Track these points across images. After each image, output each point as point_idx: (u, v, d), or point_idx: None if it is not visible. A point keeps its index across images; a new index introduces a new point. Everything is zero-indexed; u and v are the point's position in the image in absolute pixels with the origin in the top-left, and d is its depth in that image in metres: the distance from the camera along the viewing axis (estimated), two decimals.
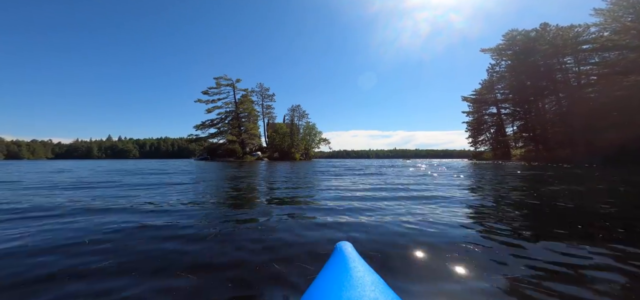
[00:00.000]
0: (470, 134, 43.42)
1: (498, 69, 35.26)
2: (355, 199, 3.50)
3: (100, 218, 2.39)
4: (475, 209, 2.90)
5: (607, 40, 18.52)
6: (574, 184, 5.19)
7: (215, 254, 1.54)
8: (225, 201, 3.43)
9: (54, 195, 3.89)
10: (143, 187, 4.77)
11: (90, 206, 2.95)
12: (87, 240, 1.75)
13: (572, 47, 23.59)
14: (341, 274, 0.67)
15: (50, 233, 1.92)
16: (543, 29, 27.11)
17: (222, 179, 6.71)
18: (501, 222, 2.30)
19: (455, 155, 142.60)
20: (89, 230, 2.00)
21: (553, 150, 26.23)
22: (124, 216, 2.46)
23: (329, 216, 2.47)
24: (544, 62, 26.90)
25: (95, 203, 3.16)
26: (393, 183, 5.57)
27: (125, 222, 2.24)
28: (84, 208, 2.85)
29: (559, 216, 2.55)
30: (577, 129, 22.74)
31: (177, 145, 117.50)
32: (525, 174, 8.10)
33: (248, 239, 1.80)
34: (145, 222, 2.24)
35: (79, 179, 6.61)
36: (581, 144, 21.60)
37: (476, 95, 39.31)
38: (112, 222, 2.24)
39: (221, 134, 39.73)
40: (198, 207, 2.95)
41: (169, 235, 1.88)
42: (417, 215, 2.49)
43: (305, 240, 1.76)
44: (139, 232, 1.96)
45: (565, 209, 2.84)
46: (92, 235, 1.86)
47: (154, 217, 2.44)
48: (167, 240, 1.77)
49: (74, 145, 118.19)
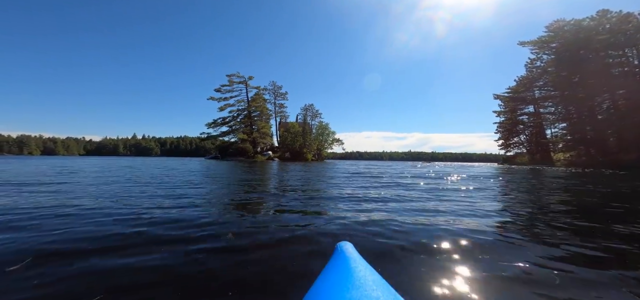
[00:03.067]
0: (501, 135, 39.06)
1: (539, 64, 30.99)
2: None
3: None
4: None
5: None
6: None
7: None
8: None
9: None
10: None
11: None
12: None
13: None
14: (343, 274, 0.66)
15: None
16: (601, 16, 22.92)
17: (227, 185, 5.12)
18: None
19: (475, 158, 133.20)
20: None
21: (613, 155, 22.02)
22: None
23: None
24: (600, 54, 22.76)
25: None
26: (428, 214, 2.83)
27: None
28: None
29: None
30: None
31: (195, 144, 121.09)
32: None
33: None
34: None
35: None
36: None
37: (511, 93, 35.10)
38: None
39: (233, 132, 38.96)
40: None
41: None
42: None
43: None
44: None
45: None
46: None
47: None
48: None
49: (103, 142, 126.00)
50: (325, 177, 7.20)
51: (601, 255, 1.64)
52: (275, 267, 1.40)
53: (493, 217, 2.67)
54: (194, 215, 2.51)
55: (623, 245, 1.83)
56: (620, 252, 1.72)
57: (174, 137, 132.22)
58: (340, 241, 0.94)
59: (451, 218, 2.56)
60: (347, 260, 0.75)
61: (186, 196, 3.62)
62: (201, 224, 2.20)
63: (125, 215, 2.44)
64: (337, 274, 0.69)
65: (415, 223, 2.33)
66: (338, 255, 0.82)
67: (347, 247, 0.87)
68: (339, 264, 0.75)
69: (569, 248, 1.75)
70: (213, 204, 3.15)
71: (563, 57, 25.67)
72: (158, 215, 2.45)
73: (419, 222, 2.37)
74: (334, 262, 0.79)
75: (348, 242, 0.93)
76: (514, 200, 3.95)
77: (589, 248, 1.75)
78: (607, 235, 2.06)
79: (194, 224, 2.19)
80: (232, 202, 3.30)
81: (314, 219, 2.51)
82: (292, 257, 1.53)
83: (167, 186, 4.68)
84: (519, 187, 5.67)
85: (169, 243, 1.73)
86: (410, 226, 2.21)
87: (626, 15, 21.34)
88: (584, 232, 2.13)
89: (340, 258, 0.79)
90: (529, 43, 29.13)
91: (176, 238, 1.84)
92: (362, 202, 3.42)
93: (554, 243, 1.85)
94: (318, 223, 2.32)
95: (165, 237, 1.85)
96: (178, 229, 2.05)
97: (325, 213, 2.76)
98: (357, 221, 2.38)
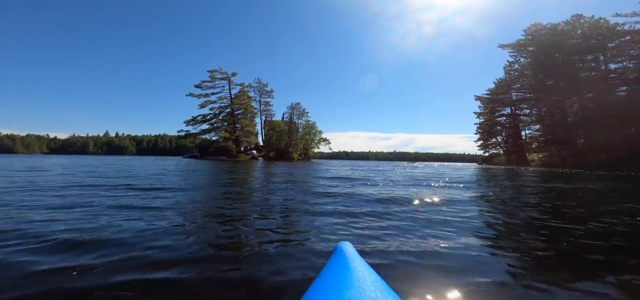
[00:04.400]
0: (480, 136, 40.59)
1: (516, 67, 32.38)
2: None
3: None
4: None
5: None
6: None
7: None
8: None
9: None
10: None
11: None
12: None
13: (612, 39, 20.74)
14: (342, 274, 0.66)
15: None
16: (575, 20, 24.18)
17: (194, 191, 4.03)
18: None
19: (455, 158, 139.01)
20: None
21: (582, 156, 23.38)
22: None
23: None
24: (573, 57, 24.04)
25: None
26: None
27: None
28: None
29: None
30: (616, 131, 19.94)
31: (175, 142, 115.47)
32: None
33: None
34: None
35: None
36: (620, 149, 18.77)
37: (490, 95, 36.48)
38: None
39: (214, 130, 37.02)
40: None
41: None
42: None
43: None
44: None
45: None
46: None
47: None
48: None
49: (70, 140, 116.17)
50: (300, 191, 6.35)
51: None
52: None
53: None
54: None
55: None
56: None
57: (152, 135, 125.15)
58: (340, 241, 0.93)
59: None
60: (346, 260, 0.75)
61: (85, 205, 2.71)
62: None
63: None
64: (335, 273, 0.68)
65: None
66: (337, 255, 0.82)
67: (347, 247, 0.87)
68: (338, 263, 0.75)
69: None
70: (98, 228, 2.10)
71: (539, 60, 26.89)
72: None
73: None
74: (333, 261, 0.79)
75: (348, 242, 0.92)
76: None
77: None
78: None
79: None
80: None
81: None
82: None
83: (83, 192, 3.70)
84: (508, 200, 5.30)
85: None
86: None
87: (597, 21, 22.64)
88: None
89: (339, 258, 0.78)
90: (508, 46, 30.29)
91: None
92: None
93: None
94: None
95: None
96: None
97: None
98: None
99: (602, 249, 1.86)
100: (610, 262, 1.62)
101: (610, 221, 2.64)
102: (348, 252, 0.81)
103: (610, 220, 2.67)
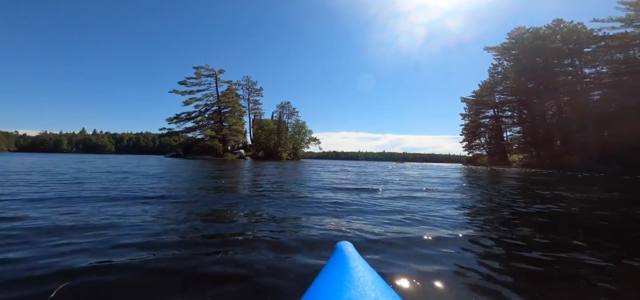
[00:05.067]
0: (465, 137, 41.77)
1: (500, 70, 33.53)
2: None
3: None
4: None
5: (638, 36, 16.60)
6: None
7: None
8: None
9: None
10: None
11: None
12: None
13: (589, 44, 21.80)
14: (342, 274, 0.66)
15: None
16: (555, 25, 25.25)
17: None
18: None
19: (441, 159, 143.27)
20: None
21: (559, 157, 24.51)
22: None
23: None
24: (554, 61, 25.13)
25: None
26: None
27: None
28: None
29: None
30: (590, 133, 21.00)
31: (158, 141, 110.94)
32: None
33: None
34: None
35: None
36: (595, 150, 19.78)
37: (475, 97, 37.59)
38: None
39: (199, 129, 35.59)
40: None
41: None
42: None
43: None
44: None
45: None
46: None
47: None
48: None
49: (41, 137, 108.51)
50: (278, 205, 5.97)
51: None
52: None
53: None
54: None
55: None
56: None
57: (133, 133, 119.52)
58: (340, 241, 0.93)
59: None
60: (346, 259, 0.75)
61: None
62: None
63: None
64: (336, 273, 0.68)
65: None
66: (337, 254, 0.82)
67: (347, 247, 0.87)
68: (338, 263, 0.75)
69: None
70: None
71: (521, 63, 27.92)
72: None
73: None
74: (333, 261, 0.79)
75: (348, 242, 0.92)
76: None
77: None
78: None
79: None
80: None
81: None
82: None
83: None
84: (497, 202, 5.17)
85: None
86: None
87: (575, 26, 23.75)
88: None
89: (339, 258, 0.79)
90: (492, 49, 31.28)
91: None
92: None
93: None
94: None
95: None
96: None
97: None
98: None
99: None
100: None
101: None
102: (348, 251, 0.81)
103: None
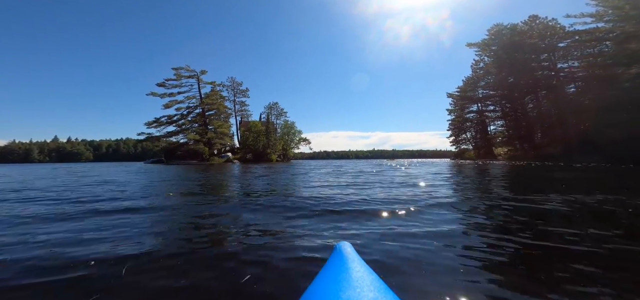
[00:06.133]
0: (452, 132, 42.67)
1: (482, 65, 34.39)
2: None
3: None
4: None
5: (609, 31, 17.30)
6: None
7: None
8: None
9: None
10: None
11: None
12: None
13: (563, 39, 22.66)
14: (340, 274, 0.66)
15: None
16: (532, 20, 26.12)
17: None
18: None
19: (429, 155, 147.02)
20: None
21: (541, 149, 25.39)
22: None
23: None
24: (532, 56, 25.98)
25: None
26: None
27: None
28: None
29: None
30: (572, 126, 21.82)
31: (141, 147, 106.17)
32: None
33: None
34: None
35: None
36: (576, 141, 20.55)
37: (459, 92, 38.42)
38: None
39: (183, 132, 34.03)
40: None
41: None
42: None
43: None
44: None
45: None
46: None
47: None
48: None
49: (10, 147, 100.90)
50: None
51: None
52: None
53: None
54: None
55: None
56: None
57: (112, 140, 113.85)
58: (339, 241, 0.92)
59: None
60: (345, 260, 0.74)
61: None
62: None
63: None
64: (334, 273, 0.68)
65: None
66: (336, 255, 0.82)
67: (346, 247, 0.86)
68: (336, 263, 0.74)
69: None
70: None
71: (501, 59, 28.73)
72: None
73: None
74: (332, 261, 0.78)
75: (347, 242, 0.92)
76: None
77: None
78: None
79: None
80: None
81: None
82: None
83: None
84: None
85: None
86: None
87: (549, 22, 24.66)
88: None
89: (338, 258, 0.78)
90: (474, 45, 32.01)
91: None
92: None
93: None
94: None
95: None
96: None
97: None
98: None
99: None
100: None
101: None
102: (347, 252, 0.81)
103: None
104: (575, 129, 21.76)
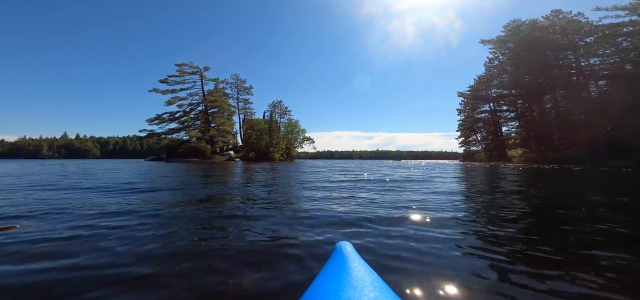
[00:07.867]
0: (461, 133, 40.97)
1: (496, 63, 32.70)
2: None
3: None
4: None
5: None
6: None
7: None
8: None
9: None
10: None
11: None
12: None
13: (589, 34, 20.96)
14: (341, 274, 0.66)
15: None
16: (554, 16, 24.37)
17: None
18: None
19: (434, 156, 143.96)
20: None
21: (560, 151, 23.72)
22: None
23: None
24: (553, 54, 24.30)
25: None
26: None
27: None
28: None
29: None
30: (597, 126, 20.16)
31: (146, 144, 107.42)
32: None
33: None
34: None
35: None
36: (602, 143, 18.94)
37: (471, 91, 36.78)
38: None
39: (185, 130, 33.46)
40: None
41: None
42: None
43: None
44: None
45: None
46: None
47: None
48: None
49: (20, 143, 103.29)
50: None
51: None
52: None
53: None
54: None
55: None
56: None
57: (119, 137, 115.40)
58: (339, 241, 0.92)
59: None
60: (345, 260, 0.74)
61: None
62: None
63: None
64: (334, 273, 0.68)
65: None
66: (336, 255, 0.81)
67: (346, 247, 0.86)
68: (337, 263, 0.74)
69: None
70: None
71: (518, 56, 27.07)
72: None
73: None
74: (332, 261, 0.78)
75: (347, 242, 0.91)
76: None
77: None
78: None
79: None
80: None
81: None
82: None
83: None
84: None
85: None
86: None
87: (575, 16, 22.85)
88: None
89: (338, 258, 0.78)
90: (488, 42, 30.39)
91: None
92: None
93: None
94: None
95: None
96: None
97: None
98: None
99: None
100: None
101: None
102: (347, 251, 0.81)
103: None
104: (601, 130, 20.11)
